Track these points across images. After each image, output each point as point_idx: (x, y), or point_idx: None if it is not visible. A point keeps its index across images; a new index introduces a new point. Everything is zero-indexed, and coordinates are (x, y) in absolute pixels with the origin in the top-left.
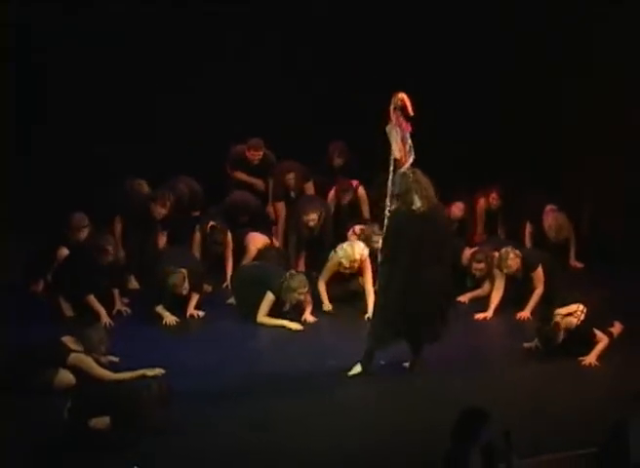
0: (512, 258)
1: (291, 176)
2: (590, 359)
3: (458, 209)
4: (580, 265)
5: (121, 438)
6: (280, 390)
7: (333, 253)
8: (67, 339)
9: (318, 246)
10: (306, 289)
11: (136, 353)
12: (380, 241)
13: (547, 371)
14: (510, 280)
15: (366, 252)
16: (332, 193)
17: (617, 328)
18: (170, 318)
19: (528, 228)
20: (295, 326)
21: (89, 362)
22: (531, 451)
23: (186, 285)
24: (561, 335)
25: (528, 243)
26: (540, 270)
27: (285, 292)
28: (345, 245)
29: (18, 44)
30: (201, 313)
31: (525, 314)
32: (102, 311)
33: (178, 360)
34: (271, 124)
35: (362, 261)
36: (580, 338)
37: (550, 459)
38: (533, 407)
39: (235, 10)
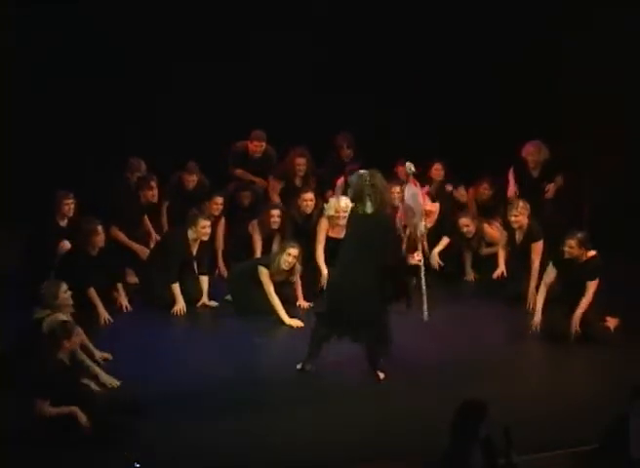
0: (522, 206)
1: (302, 161)
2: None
3: (459, 194)
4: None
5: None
6: (278, 386)
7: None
8: (38, 312)
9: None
10: (296, 250)
11: (133, 349)
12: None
13: (546, 367)
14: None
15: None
16: (341, 180)
17: (611, 322)
18: (180, 305)
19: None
20: (296, 323)
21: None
22: (530, 448)
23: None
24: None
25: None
26: (541, 243)
27: (275, 258)
28: (330, 200)
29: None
30: (213, 303)
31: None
32: (100, 306)
33: (175, 355)
34: (272, 122)
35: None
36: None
37: (550, 456)
38: (532, 403)
39: (236, 6)
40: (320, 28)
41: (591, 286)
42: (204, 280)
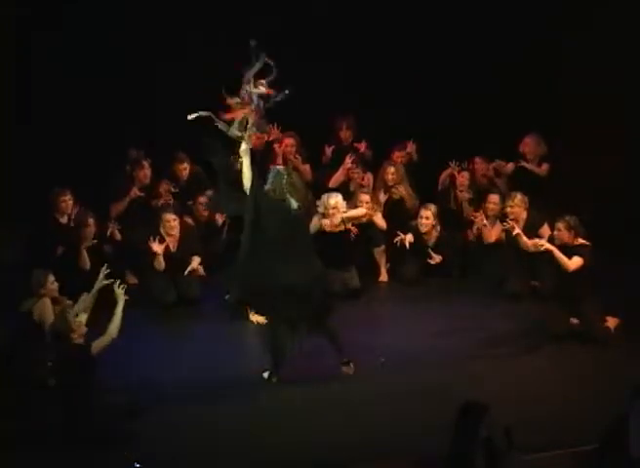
0: (519, 199)
1: (291, 142)
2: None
3: (464, 177)
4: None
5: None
6: (278, 386)
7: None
8: (25, 303)
9: None
10: None
11: (133, 349)
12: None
13: (546, 367)
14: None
15: (342, 202)
16: (339, 172)
17: (611, 322)
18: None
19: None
20: (257, 319)
21: (47, 304)
22: (530, 448)
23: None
24: None
25: None
26: (545, 226)
27: None
28: (323, 196)
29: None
30: (202, 270)
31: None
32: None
33: (175, 355)
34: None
35: (338, 210)
36: None
37: (550, 456)
38: (532, 403)
39: (235, 6)
40: (320, 28)
41: (575, 259)
42: (194, 259)
